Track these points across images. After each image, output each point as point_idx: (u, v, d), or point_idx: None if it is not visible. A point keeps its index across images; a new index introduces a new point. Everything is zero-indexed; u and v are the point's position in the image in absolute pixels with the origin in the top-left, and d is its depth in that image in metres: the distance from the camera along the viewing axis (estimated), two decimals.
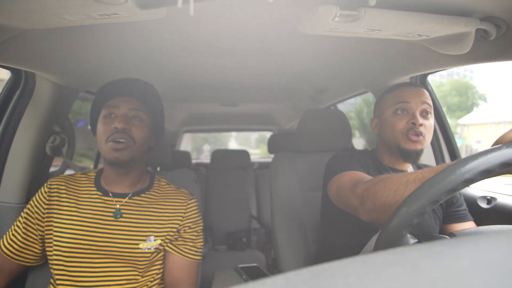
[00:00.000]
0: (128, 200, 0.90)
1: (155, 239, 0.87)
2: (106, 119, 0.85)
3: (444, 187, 0.45)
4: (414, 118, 0.90)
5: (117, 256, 0.84)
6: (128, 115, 0.86)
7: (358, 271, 0.19)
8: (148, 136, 0.90)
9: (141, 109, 0.88)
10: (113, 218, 0.86)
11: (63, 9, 0.58)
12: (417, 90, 0.95)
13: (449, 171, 0.46)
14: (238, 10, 0.76)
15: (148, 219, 0.89)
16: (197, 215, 0.96)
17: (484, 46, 0.78)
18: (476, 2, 0.64)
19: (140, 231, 0.87)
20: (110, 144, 0.82)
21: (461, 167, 0.45)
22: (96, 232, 0.84)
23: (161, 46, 1.02)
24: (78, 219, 0.85)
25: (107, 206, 0.87)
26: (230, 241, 2.18)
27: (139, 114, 0.87)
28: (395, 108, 0.94)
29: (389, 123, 0.95)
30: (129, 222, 0.87)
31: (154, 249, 0.87)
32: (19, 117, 1.06)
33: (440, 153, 1.31)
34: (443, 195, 0.46)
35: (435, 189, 0.46)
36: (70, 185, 0.91)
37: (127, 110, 0.86)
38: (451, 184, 0.45)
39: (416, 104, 0.91)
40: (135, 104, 0.87)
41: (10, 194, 1.06)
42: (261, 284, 0.19)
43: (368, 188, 0.70)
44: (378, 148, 1.04)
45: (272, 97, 1.97)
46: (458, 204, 0.99)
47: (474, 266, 0.18)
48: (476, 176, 0.45)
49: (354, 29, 0.68)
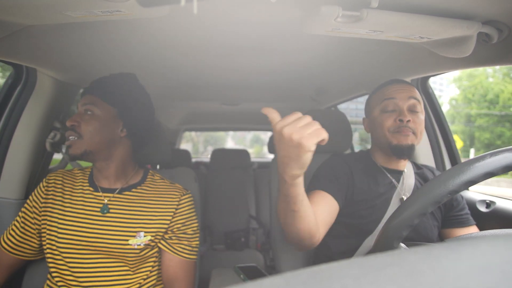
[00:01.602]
0: (116, 195, 0.89)
1: (145, 235, 0.86)
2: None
3: (429, 199, 0.46)
4: (401, 114, 0.88)
5: (107, 252, 0.85)
6: (81, 111, 0.87)
7: (356, 273, 0.19)
8: (103, 127, 0.86)
9: (96, 103, 0.87)
10: (101, 213, 0.86)
11: (66, 6, 0.58)
12: (403, 86, 0.93)
13: (434, 184, 0.47)
14: (240, 9, 0.76)
15: (138, 214, 0.88)
16: (191, 211, 0.94)
17: (485, 49, 0.78)
18: (478, 6, 0.64)
19: (129, 226, 0.86)
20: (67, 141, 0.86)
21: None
22: (86, 228, 0.84)
23: (162, 44, 1.02)
24: (70, 214, 0.86)
25: (97, 201, 0.88)
26: (228, 240, 2.18)
27: (91, 108, 0.86)
28: (382, 105, 0.92)
29: (377, 122, 0.93)
30: (118, 218, 0.87)
31: (144, 245, 0.86)
32: (19, 113, 1.06)
33: (440, 156, 1.31)
34: (430, 207, 0.46)
35: (422, 201, 0.47)
36: (66, 180, 0.91)
37: (82, 107, 0.87)
38: (436, 197, 0.46)
39: (402, 100, 0.89)
40: (90, 99, 0.88)
41: (9, 189, 1.06)
42: (259, 284, 0.19)
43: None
44: (372, 147, 1.02)
45: (273, 97, 1.97)
46: (460, 208, 0.95)
47: (472, 270, 0.18)
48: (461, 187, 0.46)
49: (356, 30, 0.68)
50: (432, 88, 1.33)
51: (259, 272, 1.07)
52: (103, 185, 0.91)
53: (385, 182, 0.94)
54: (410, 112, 0.89)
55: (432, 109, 1.32)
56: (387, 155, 0.95)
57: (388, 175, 0.95)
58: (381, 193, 0.93)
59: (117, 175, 0.91)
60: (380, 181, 0.94)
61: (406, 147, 0.87)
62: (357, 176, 0.94)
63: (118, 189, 0.90)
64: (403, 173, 0.96)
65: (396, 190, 0.93)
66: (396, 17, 0.63)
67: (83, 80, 1.18)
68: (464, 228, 0.94)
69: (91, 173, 0.94)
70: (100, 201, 0.88)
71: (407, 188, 0.94)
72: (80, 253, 0.84)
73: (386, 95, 0.92)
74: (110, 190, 0.90)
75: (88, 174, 0.94)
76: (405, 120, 0.87)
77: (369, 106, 1.00)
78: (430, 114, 1.32)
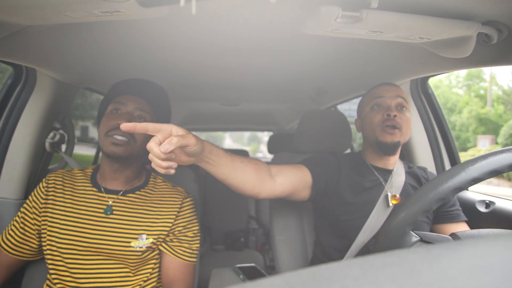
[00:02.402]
0: (120, 196, 0.89)
1: (147, 238, 0.86)
2: (111, 114, 0.87)
3: (450, 186, 0.47)
4: (389, 110, 0.95)
5: (108, 253, 0.84)
6: (134, 114, 0.87)
7: (356, 273, 0.19)
8: (149, 137, 0.90)
9: (147, 110, 0.89)
10: (104, 214, 0.86)
11: (65, 6, 0.58)
12: (391, 86, 1.01)
13: (455, 171, 0.47)
14: (240, 10, 0.76)
15: (140, 217, 0.88)
16: (192, 215, 0.95)
17: (485, 50, 0.78)
18: (478, 7, 0.64)
19: (132, 229, 0.86)
20: (110, 138, 0.83)
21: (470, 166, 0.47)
22: (88, 229, 0.84)
23: (162, 44, 1.02)
24: (72, 215, 0.85)
25: (100, 203, 0.87)
26: (228, 241, 2.18)
27: (144, 115, 0.89)
28: (372, 104, 1.00)
29: (367, 119, 1.00)
30: (121, 219, 0.86)
31: (146, 248, 0.86)
32: (19, 113, 1.06)
33: (439, 157, 1.31)
34: (450, 194, 0.47)
35: (442, 187, 0.47)
36: (66, 181, 0.91)
37: (133, 108, 0.88)
38: (456, 184, 0.47)
39: (390, 98, 0.97)
40: (142, 104, 0.89)
41: (9, 189, 1.06)
42: (258, 284, 0.19)
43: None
44: (363, 147, 1.08)
45: (273, 97, 1.96)
46: (451, 204, 0.99)
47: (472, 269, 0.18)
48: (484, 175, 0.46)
49: (355, 30, 0.68)
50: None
51: (258, 272, 1.07)
52: (109, 186, 0.90)
53: (371, 178, 0.99)
54: (397, 110, 0.96)
55: (432, 110, 1.32)
56: (376, 153, 1.00)
57: (375, 172, 1.00)
58: (366, 187, 0.97)
59: (130, 178, 0.92)
60: (366, 176, 0.99)
61: (391, 143, 0.94)
62: (344, 170, 1.00)
63: (123, 191, 0.90)
64: (392, 171, 1.00)
65: (383, 188, 0.97)
66: (396, 17, 0.63)
67: (82, 81, 1.18)
68: (455, 223, 0.98)
69: (93, 173, 0.93)
70: (104, 202, 0.88)
71: (396, 186, 0.97)
72: (80, 253, 0.84)
73: (376, 94, 1.01)
74: (114, 192, 0.90)
75: (90, 175, 0.93)
76: (392, 114, 0.94)
77: (360, 106, 1.08)
78: (429, 114, 1.32)
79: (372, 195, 0.96)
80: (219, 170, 0.76)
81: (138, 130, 0.62)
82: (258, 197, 0.86)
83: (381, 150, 0.97)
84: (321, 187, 0.96)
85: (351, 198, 0.96)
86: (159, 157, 0.61)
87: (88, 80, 1.21)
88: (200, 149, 0.67)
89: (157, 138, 0.62)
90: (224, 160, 0.76)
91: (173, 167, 0.63)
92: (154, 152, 0.61)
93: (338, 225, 0.98)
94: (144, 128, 0.62)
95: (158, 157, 0.61)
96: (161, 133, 0.63)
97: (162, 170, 0.63)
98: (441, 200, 0.48)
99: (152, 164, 0.63)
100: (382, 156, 0.99)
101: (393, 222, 0.50)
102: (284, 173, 0.90)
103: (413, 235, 0.52)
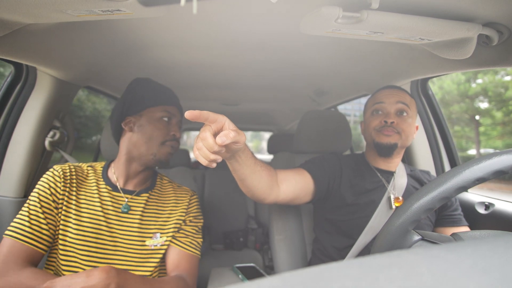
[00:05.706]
0: (134, 196, 0.91)
1: (161, 236, 0.89)
2: (163, 123, 0.90)
3: (454, 185, 0.47)
4: (387, 116, 0.96)
5: (122, 251, 0.85)
6: (180, 124, 0.95)
7: (355, 274, 0.19)
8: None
9: (181, 118, 0.96)
10: (121, 213, 0.87)
11: (66, 4, 0.58)
12: (393, 91, 1.00)
13: (460, 169, 0.47)
14: (240, 10, 0.76)
15: (154, 216, 0.91)
16: (198, 210, 0.99)
17: (486, 51, 0.78)
18: (479, 8, 0.64)
19: (146, 227, 0.88)
20: (167, 148, 0.90)
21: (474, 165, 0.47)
22: (103, 226, 0.84)
23: (162, 43, 1.02)
24: (87, 211, 0.84)
25: (115, 201, 0.88)
26: (227, 240, 2.17)
27: (180, 122, 0.96)
28: (372, 109, 1.01)
29: (367, 123, 1.02)
30: (136, 219, 0.88)
31: (160, 246, 0.89)
32: (19, 111, 1.06)
33: (439, 159, 1.31)
34: (454, 193, 0.47)
35: (446, 186, 0.47)
36: (79, 175, 0.90)
37: (178, 119, 0.94)
38: (460, 183, 0.47)
39: (390, 104, 0.97)
40: (180, 115, 0.96)
41: (9, 188, 1.06)
42: (257, 284, 0.19)
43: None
44: (365, 149, 1.10)
45: (273, 97, 1.97)
46: (453, 208, 0.99)
47: (471, 271, 0.18)
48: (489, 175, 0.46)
49: (356, 31, 0.68)
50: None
51: (257, 272, 1.07)
52: (125, 186, 0.92)
53: (373, 180, 1.00)
54: (397, 115, 0.97)
55: (432, 111, 1.32)
56: (377, 155, 1.01)
57: (378, 174, 1.01)
58: (368, 189, 0.98)
59: (146, 179, 0.95)
60: (367, 178, 1.00)
61: (387, 145, 0.95)
62: (346, 171, 1.01)
63: (137, 191, 0.92)
64: (394, 173, 1.01)
65: (386, 189, 0.98)
66: (397, 18, 0.63)
67: (83, 79, 1.18)
68: (457, 227, 0.98)
69: (104, 171, 0.93)
70: (120, 201, 0.89)
71: (398, 188, 0.98)
72: (95, 250, 0.82)
73: (377, 99, 1.01)
74: (129, 192, 0.91)
75: (101, 172, 0.93)
76: (389, 121, 0.95)
77: (364, 110, 1.08)
78: (429, 115, 1.32)
79: (374, 197, 0.96)
80: (241, 169, 0.75)
81: (201, 119, 0.60)
82: (263, 202, 0.86)
83: (377, 151, 0.99)
84: (323, 190, 0.97)
85: (352, 199, 0.97)
86: (212, 148, 0.57)
87: (88, 78, 1.21)
88: (243, 148, 0.67)
89: (211, 128, 0.59)
90: (250, 162, 0.75)
91: (217, 160, 0.60)
92: (208, 142, 0.57)
93: (338, 225, 0.98)
94: (205, 117, 0.60)
95: (210, 148, 0.57)
96: (216, 124, 0.60)
97: (205, 161, 0.59)
98: (444, 199, 0.48)
99: (195, 153, 0.60)
100: (383, 158, 1.00)
101: (396, 220, 0.50)
102: (288, 181, 0.90)
103: (415, 234, 0.52)
